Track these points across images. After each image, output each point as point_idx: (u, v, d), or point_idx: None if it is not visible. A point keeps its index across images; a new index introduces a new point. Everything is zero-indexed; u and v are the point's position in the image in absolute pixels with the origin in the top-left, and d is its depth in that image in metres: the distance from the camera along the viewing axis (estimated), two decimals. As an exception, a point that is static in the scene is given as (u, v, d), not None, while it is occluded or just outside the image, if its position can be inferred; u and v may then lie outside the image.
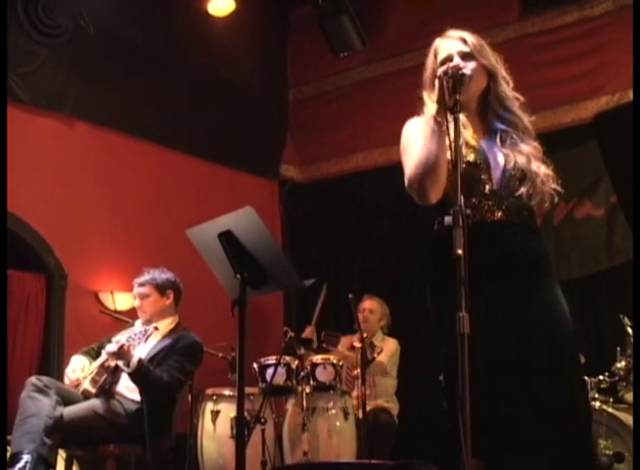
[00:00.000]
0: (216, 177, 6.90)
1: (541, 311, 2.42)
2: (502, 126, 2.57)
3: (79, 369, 4.24)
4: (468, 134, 2.53)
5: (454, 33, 2.64)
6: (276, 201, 7.55)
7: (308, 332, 5.20)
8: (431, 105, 2.54)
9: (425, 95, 2.65)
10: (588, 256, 5.86)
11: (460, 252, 2.12)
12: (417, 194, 2.45)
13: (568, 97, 5.96)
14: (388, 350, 5.36)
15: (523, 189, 2.47)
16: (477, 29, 2.65)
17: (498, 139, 2.56)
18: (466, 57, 2.56)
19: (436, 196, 2.44)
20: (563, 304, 2.48)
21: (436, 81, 2.47)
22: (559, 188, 2.54)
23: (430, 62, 2.64)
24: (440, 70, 2.45)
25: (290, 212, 7.56)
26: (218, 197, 6.54)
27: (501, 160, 2.52)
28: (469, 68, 2.50)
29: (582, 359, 4.48)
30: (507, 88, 2.62)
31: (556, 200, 2.54)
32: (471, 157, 2.49)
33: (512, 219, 2.48)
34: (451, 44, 2.61)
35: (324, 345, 5.07)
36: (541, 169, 2.50)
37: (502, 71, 2.62)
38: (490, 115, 2.60)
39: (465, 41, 2.59)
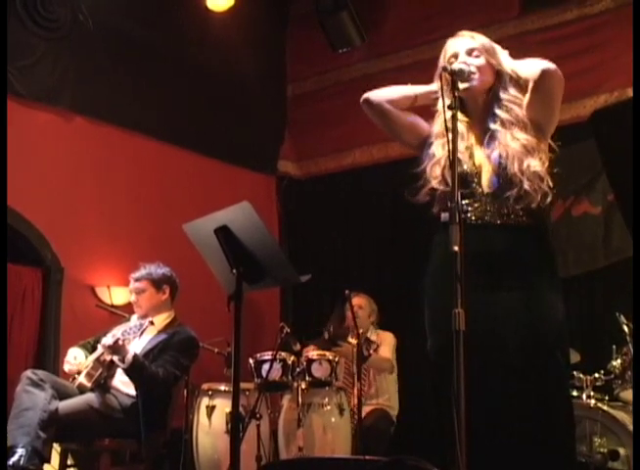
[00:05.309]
0: (214, 172, 6.89)
1: (517, 311, 2.44)
2: (496, 126, 2.56)
3: (80, 358, 4.25)
4: (462, 146, 2.51)
5: (465, 33, 2.66)
6: (273, 196, 7.53)
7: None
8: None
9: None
10: (585, 253, 5.85)
11: (456, 248, 2.12)
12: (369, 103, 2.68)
13: (566, 95, 5.81)
14: (388, 344, 5.32)
15: (509, 192, 2.48)
16: (476, 26, 2.66)
17: (488, 138, 2.56)
18: (473, 53, 2.57)
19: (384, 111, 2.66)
20: (544, 303, 2.47)
21: (436, 77, 2.49)
22: (551, 184, 2.53)
23: (440, 61, 2.64)
24: (441, 66, 2.46)
25: (287, 208, 7.55)
26: (215, 192, 6.52)
27: (495, 160, 2.52)
28: (473, 63, 2.51)
29: (578, 357, 4.53)
30: (512, 91, 2.60)
31: (549, 198, 2.52)
32: (461, 167, 2.48)
33: (496, 220, 2.49)
34: (460, 42, 2.62)
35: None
36: (531, 168, 2.48)
37: (511, 73, 2.61)
38: (488, 115, 2.60)
39: (474, 39, 2.61)
